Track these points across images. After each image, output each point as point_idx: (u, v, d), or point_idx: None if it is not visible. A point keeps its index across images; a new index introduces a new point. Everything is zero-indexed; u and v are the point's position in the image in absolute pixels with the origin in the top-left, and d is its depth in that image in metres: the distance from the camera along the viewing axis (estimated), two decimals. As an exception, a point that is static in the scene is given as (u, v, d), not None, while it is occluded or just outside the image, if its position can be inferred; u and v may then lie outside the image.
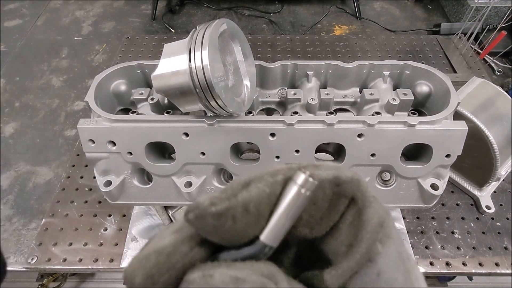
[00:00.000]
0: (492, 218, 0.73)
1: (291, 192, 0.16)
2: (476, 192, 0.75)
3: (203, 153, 0.53)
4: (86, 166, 0.82)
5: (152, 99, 0.58)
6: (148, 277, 0.16)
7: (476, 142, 0.66)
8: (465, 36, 1.07)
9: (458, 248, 0.68)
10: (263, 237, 0.17)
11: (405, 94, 0.57)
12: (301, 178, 0.16)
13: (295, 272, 0.20)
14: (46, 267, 0.67)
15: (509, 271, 0.65)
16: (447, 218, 0.73)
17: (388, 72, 0.61)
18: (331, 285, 0.17)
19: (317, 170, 0.17)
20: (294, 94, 0.59)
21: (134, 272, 0.16)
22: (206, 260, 0.17)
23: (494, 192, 0.76)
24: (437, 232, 0.71)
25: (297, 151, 0.52)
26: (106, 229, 0.72)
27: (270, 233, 0.17)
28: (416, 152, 0.58)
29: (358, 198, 0.18)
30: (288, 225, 0.17)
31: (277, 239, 0.17)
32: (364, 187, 0.18)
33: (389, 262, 0.17)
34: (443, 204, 0.75)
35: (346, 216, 0.18)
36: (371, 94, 0.58)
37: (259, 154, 0.53)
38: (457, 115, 0.65)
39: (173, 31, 1.26)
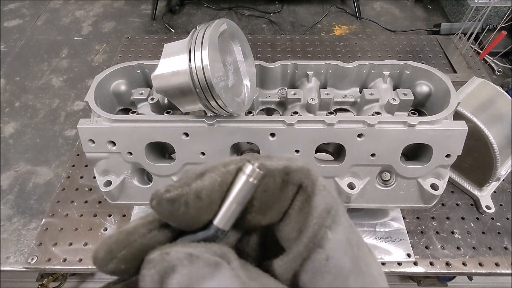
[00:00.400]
0: (492, 218, 0.73)
1: (240, 180, 0.18)
2: (476, 192, 0.75)
3: (203, 153, 0.53)
4: (86, 166, 0.82)
5: (152, 99, 0.58)
6: (108, 251, 0.17)
7: (476, 142, 0.66)
8: (465, 36, 1.07)
9: (458, 248, 0.68)
10: (216, 221, 0.19)
11: (405, 94, 0.57)
12: (249, 168, 0.18)
13: (259, 261, 0.21)
14: (46, 267, 0.67)
15: (509, 271, 0.65)
16: (447, 218, 0.73)
17: (388, 72, 0.61)
18: (280, 272, 0.18)
19: (269, 160, 0.18)
20: (294, 94, 0.59)
21: (98, 249, 0.18)
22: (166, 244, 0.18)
23: (494, 192, 0.76)
24: (437, 232, 0.71)
25: (297, 151, 0.52)
26: (106, 229, 0.72)
27: (222, 217, 0.19)
28: (416, 152, 0.58)
29: (307, 185, 0.19)
30: (238, 210, 0.19)
31: (229, 223, 0.19)
32: (314, 176, 0.19)
33: (337, 247, 0.17)
34: (443, 204, 0.75)
35: (295, 202, 0.19)
36: (371, 94, 0.58)
37: (259, 154, 0.53)
38: (457, 115, 0.65)
39: (173, 31, 1.26)
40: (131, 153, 0.53)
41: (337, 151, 0.59)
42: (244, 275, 0.16)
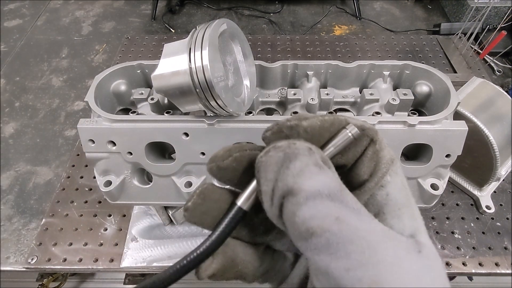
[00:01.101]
0: (492, 218, 0.73)
1: (343, 133, 0.23)
2: (476, 192, 0.75)
3: (203, 153, 0.53)
4: (86, 166, 0.82)
5: (152, 99, 0.58)
6: (227, 150, 0.24)
7: (476, 142, 0.66)
8: (465, 36, 1.07)
9: (458, 248, 0.68)
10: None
11: (405, 94, 0.57)
12: (351, 127, 0.23)
13: None
14: (46, 267, 0.67)
15: (509, 271, 0.65)
16: (447, 218, 0.73)
17: (388, 72, 0.61)
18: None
19: (351, 119, 0.24)
20: (294, 94, 0.59)
21: (218, 151, 0.24)
22: None
23: (494, 192, 0.76)
24: (437, 232, 0.71)
25: (297, 151, 0.52)
26: (106, 229, 0.72)
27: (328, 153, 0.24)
28: (416, 152, 0.58)
29: (377, 140, 0.24)
30: (336, 152, 0.24)
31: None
32: (381, 136, 0.24)
33: (395, 187, 0.23)
34: (443, 204, 0.75)
35: (368, 151, 0.24)
36: (371, 94, 0.58)
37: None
38: (457, 115, 0.65)
39: (173, 31, 1.26)
40: (131, 153, 0.53)
41: (337, 151, 0.59)
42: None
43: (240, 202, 0.23)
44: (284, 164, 0.20)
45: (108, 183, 0.56)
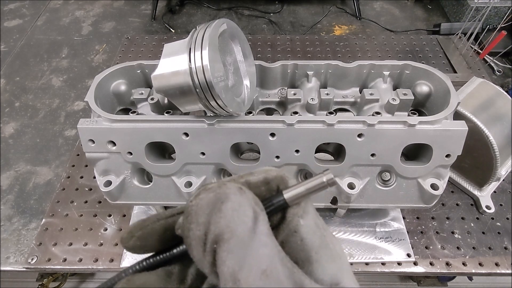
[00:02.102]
0: (492, 218, 0.73)
1: (318, 180, 0.24)
2: (476, 192, 0.75)
3: (203, 153, 0.53)
4: (86, 166, 0.82)
5: (152, 99, 0.58)
6: (128, 232, 0.23)
7: (476, 142, 0.66)
8: (465, 36, 1.07)
9: (458, 248, 0.68)
10: (286, 193, 0.24)
11: (405, 94, 0.57)
12: (328, 176, 0.24)
13: None
14: (46, 267, 0.67)
15: (509, 271, 0.65)
16: (447, 218, 0.73)
17: (388, 72, 0.61)
18: None
19: (251, 176, 0.23)
20: (294, 94, 0.59)
21: (122, 232, 0.24)
22: None
23: (494, 192, 0.76)
24: (437, 232, 0.71)
25: (297, 151, 0.52)
26: (106, 229, 0.72)
27: (292, 193, 0.24)
28: (416, 152, 0.58)
29: (282, 189, 0.23)
30: (304, 194, 0.24)
31: (293, 199, 0.24)
32: (286, 180, 0.24)
33: (308, 231, 0.23)
34: (443, 204, 0.75)
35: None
36: (371, 94, 0.58)
37: (259, 154, 0.53)
38: (457, 115, 0.65)
39: (173, 31, 1.26)
40: (131, 153, 0.53)
41: (337, 151, 0.59)
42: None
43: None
44: (216, 206, 0.20)
45: (108, 183, 0.56)
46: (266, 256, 0.19)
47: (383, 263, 0.66)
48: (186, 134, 0.51)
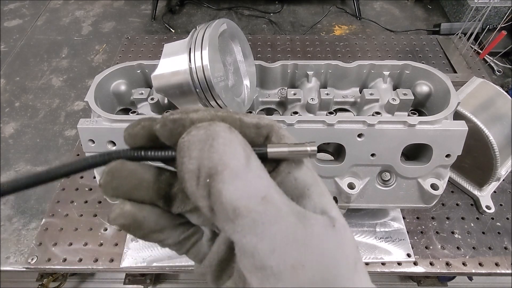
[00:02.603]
0: (492, 218, 0.73)
1: (301, 148, 0.24)
2: (476, 192, 0.75)
3: (203, 153, 0.53)
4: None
5: (152, 99, 0.58)
6: (137, 120, 0.24)
7: (476, 142, 0.66)
8: (465, 36, 1.07)
9: (458, 248, 0.68)
10: (269, 149, 0.24)
11: (405, 94, 0.57)
12: (312, 147, 0.24)
13: None
14: (46, 267, 0.67)
15: (509, 271, 0.65)
16: (447, 218, 0.73)
17: (388, 72, 0.61)
18: None
19: (246, 117, 0.24)
20: (294, 94, 0.59)
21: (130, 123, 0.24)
22: None
23: (494, 192, 0.76)
24: (437, 232, 0.71)
25: (297, 151, 0.52)
26: (106, 229, 0.72)
27: (274, 151, 0.24)
28: (416, 152, 0.58)
29: (272, 136, 0.24)
30: (284, 156, 0.25)
31: (272, 157, 0.25)
32: (277, 130, 0.24)
33: (301, 171, 0.24)
34: (443, 204, 0.75)
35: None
36: (371, 94, 0.58)
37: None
38: (457, 115, 0.65)
39: (173, 31, 1.26)
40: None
41: (337, 151, 0.59)
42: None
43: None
44: (208, 142, 0.20)
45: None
46: (263, 186, 0.20)
47: (383, 263, 0.66)
48: (186, 134, 0.51)
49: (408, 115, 0.59)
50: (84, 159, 0.23)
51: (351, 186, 0.55)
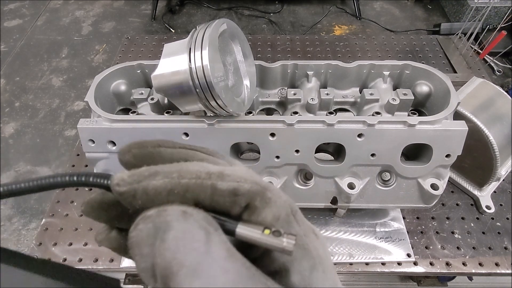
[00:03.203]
0: (492, 218, 0.73)
1: (278, 241, 0.20)
2: (476, 192, 0.75)
3: (203, 153, 0.53)
4: (86, 166, 0.82)
5: (152, 99, 0.57)
6: (126, 146, 0.23)
7: (476, 142, 0.66)
8: (465, 36, 1.07)
9: (458, 248, 0.68)
10: (238, 230, 0.21)
11: (405, 94, 0.57)
12: (290, 244, 0.20)
13: None
14: (46, 267, 0.67)
15: (509, 271, 0.65)
16: (447, 218, 0.73)
17: (388, 72, 0.61)
18: None
19: (221, 180, 0.20)
20: (294, 94, 0.59)
21: (122, 146, 0.23)
22: None
23: (494, 192, 0.76)
24: (437, 232, 0.71)
25: (297, 151, 0.52)
26: (106, 229, 0.72)
27: (243, 234, 0.21)
28: (416, 152, 0.58)
29: (256, 200, 0.21)
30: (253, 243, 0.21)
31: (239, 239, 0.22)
32: (263, 191, 0.21)
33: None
34: (443, 204, 0.75)
35: (243, 217, 0.21)
36: (371, 94, 0.58)
37: (259, 154, 0.53)
38: (457, 115, 0.65)
39: (173, 31, 1.26)
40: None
41: (337, 151, 0.59)
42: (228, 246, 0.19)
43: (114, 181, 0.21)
44: (158, 236, 0.18)
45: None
46: (230, 283, 0.17)
47: (383, 263, 0.66)
48: (186, 134, 0.51)
49: (408, 115, 0.59)
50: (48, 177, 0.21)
51: (351, 186, 0.55)
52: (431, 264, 0.66)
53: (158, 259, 0.17)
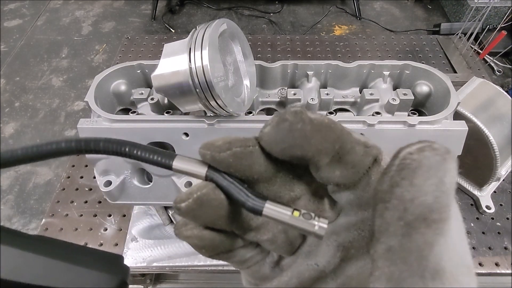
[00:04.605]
0: (492, 218, 0.73)
1: (310, 223, 0.20)
2: (476, 192, 0.75)
3: (203, 153, 0.53)
4: (86, 166, 0.82)
5: (152, 99, 0.57)
6: (226, 142, 0.19)
7: (476, 142, 0.66)
8: (465, 36, 1.07)
9: (458, 248, 0.68)
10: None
11: (405, 94, 0.57)
12: (322, 228, 0.20)
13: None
14: (46, 267, 0.67)
15: (509, 271, 0.65)
16: (447, 218, 0.73)
17: (388, 72, 0.61)
18: None
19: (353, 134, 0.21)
20: (294, 94, 0.59)
21: (216, 139, 0.20)
22: None
23: (494, 192, 0.76)
24: (437, 232, 0.71)
25: (297, 151, 0.52)
26: (106, 229, 0.72)
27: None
28: (416, 152, 0.57)
29: (381, 160, 0.22)
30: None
31: None
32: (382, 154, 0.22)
33: None
34: (443, 204, 0.75)
35: (372, 172, 0.22)
36: (371, 94, 0.58)
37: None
38: (457, 115, 0.65)
39: (173, 31, 1.26)
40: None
41: (337, 151, 0.59)
42: None
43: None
44: (439, 174, 0.16)
45: (108, 183, 0.55)
46: (467, 253, 0.17)
47: (383, 263, 0.66)
48: (186, 134, 0.51)
49: (408, 115, 0.59)
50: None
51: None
52: (431, 264, 0.66)
53: (428, 197, 0.16)
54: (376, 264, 0.17)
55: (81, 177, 0.80)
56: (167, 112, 0.58)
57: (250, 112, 0.61)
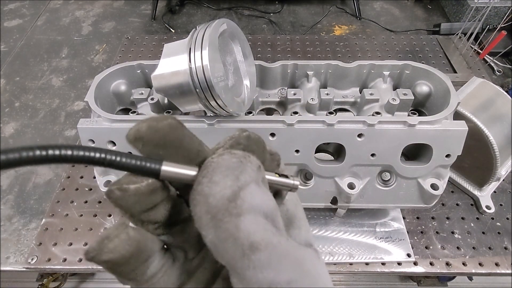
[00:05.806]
0: (492, 218, 0.73)
1: (289, 180, 0.25)
2: (476, 192, 0.75)
3: (203, 153, 0.53)
4: (86, 166, 0.82)
5: (152, 99, 0.58)
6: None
7: (476, 142, 0.66)
8: (465, 36, 1.07)
9: (458, 248, 0.68)
10: None
11: (405, 94, 0.57)
12: (295, 179, 0.25)
13: None
14: (46, 267, 0.67)
15: (509, 271, 0.65)
16: (447, 218, 0.73)
17: (388, 72, 0.61)
18: None
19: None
20: (294, 94, 0.59)
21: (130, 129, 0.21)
22: None
23: (494, 192, 0.76)
24: (437, 232, 0.71)
25: (297, 151, 0.52)
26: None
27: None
28: (416, 152, 0.58)
29: (280, 164, 0.26)
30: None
31: None
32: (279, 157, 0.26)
33: (291, 203, 0.26)
34: (443, 204, 0.75)
35: None
36: (371, 94, 0.58)
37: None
38: (457, 115, 0.65)
39: (173, 31, 1.26)
40: (131, 153, 0.53)
41: (337, 151, 0.59)
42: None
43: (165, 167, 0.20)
44: (235, 173, 0.19)
45: (108, 183, 0.56)
46: (273, 208, 0.20)
47: (383, 263, 0.66)
48: (186, 134, 0.51)
49: (408, 115, 0.59)
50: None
51: (351, 186, 0.55)
52: (431, 264, 0.66)
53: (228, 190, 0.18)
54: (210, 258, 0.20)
55: (81, 177, 0.80)
56: (167, 112, 0.58)
57: (250, 112, 0.61)
